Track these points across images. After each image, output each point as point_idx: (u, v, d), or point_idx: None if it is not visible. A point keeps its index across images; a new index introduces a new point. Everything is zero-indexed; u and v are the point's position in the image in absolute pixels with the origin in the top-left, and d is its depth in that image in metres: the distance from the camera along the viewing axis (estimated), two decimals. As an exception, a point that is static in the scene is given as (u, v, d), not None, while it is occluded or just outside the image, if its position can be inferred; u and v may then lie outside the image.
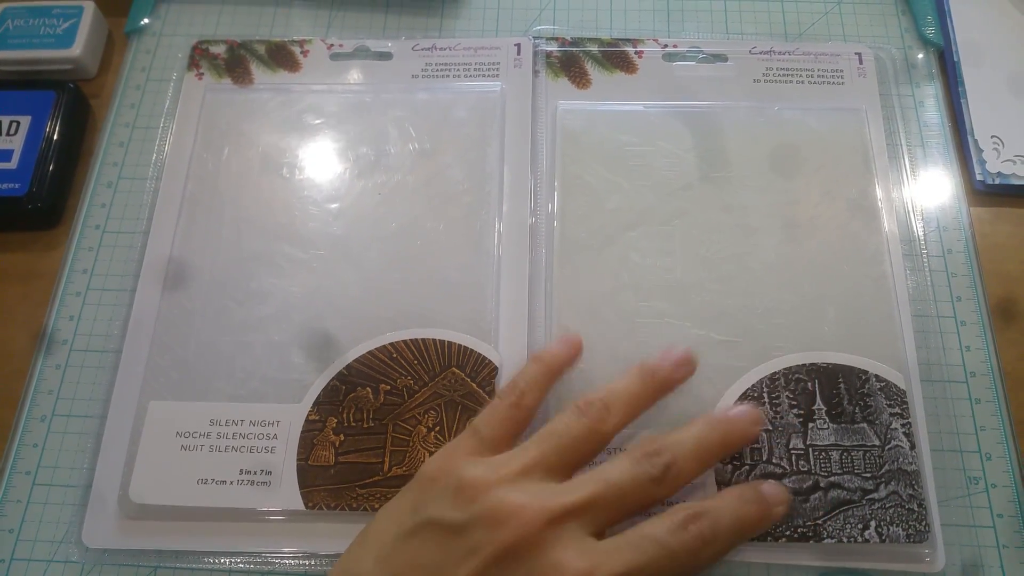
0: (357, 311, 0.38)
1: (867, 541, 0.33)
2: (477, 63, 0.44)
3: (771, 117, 0.42)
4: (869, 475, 0.34)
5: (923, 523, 0.33)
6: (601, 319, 0.37)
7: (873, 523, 0.33)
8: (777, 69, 0.44)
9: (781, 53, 0.44)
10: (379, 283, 0.39)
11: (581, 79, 0.44)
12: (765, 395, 0.35)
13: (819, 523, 0.33)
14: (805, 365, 0.36)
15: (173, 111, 0.44)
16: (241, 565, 0.34)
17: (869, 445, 0.34)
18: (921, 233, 0.40)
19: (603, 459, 0.31)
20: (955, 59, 0.44)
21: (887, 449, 0.34)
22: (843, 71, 0.43)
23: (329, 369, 0.37)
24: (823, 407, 0.35)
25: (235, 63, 0.45)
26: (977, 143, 0.42)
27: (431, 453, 0.34)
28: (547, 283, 0.39)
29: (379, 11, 0.47)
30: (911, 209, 0.40)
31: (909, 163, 0.41)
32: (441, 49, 0.45)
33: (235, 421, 0.36)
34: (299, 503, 0.34)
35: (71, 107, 0.43)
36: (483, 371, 0.37)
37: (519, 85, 0.44)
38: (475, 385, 0.36)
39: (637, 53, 0.44)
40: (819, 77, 0.43)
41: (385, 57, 0.45)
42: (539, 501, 0.28)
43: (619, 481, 0.28)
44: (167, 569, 0.34)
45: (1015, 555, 0.33)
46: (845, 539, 0.33)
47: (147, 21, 0.47)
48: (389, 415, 0.36)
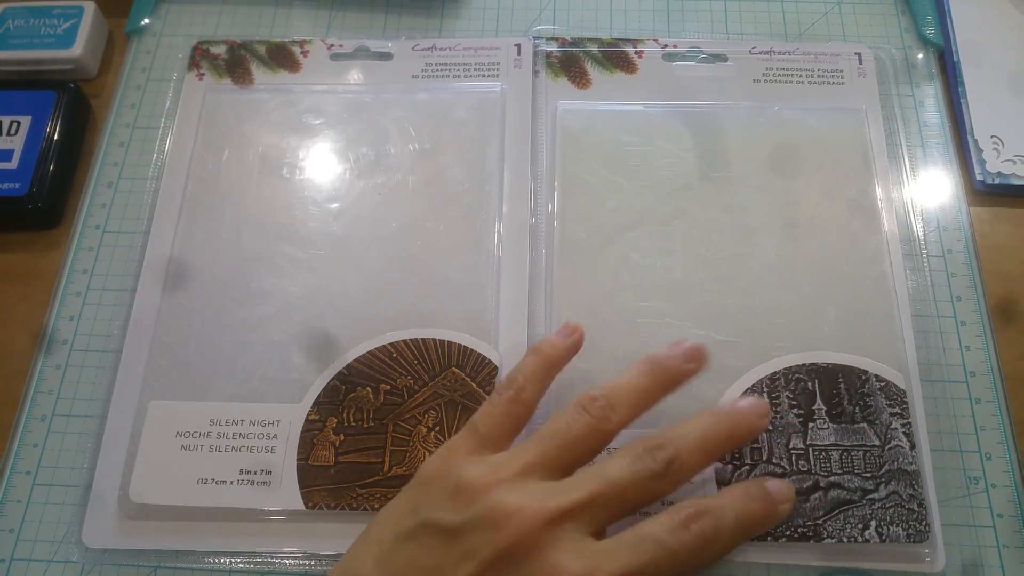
0: (357, 311, 0.38)
1: (867, 541, 0.33)
2: (477, 63, 0.44)
3: (771, 117, 0.42)
4: (869, 475, 0.34)
5: (923, 523, 0.33)
6: (601, 319, 0.37)
7: (873, 523, 0.33)
8: (777, 69, 0.44)
9: (781, 53, 0.44)
10: (379, 283, 0.39)
11: (581, 79, 0.44)
12: (765, 395, 0.35)
13: (819, 523, 0.33)
14: (805, 365, 0.36)
15: (173, 111, 0.44)
16: (241, 565, 0.34)
17: (869, 445, 0.34)
18: (921, 233, 0.40)
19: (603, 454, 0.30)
20: (955, 59, 0.44)
21: (887, 449, 0.34)
22: (843, 71, 0.43)
23: (329, 369, 0.37)
24: (823, 407, 0.35)
25: (235, 63, 0.45)
26: (977, 143, 0.42)
27: (431, 453, 0.34)
28: (547, 283, 0.39)
29: (379, 11, 0.47)
30: (911, 209, 0.40)
31: (909, 163, 0.41)
32: (441, 49, 0.45)
33: (235, 421, 0.36)
34: (299, 503, 0.34)
35: (71, 107, 0.43)
36: (483, 371, 0.37)
37: (519, 85, 0.44)
38: (475, 385, 0.36)
39: (637, 53, 0.44)
40: (819, 77, 0.43)
41: (385, 57, 0.45)
42: (537, 502, 0.27)
43: (619, 478, 0.28)
44: (167, 569, 0.34)
45: (1015, 555, 0.33)
46: (845, 539, 0.33)
47: (147, 21, 0.47)
48: (389, 415, 0.36)
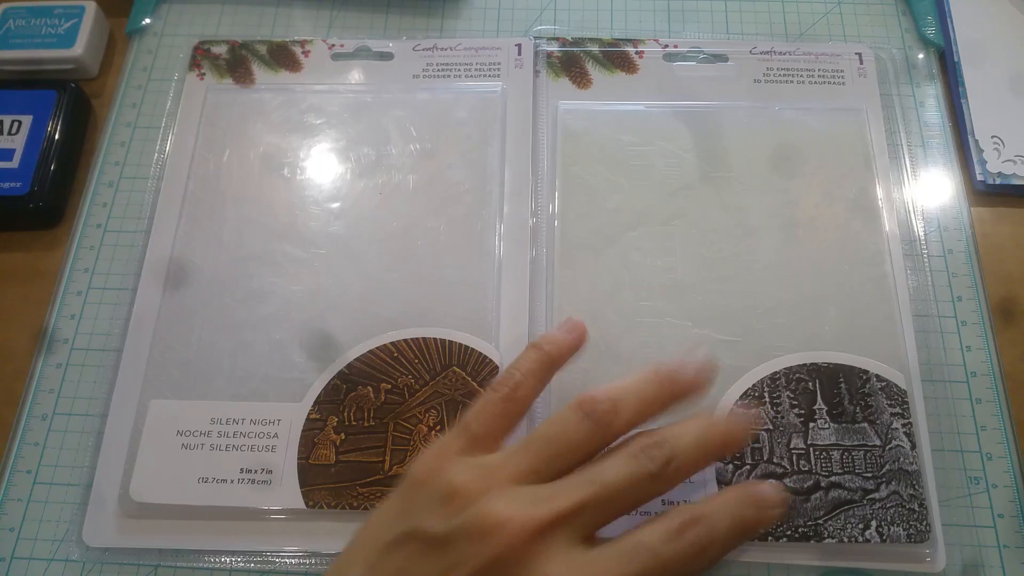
0: (358, 310, 0.38)
1: (868, 541, 0.33)
2: (478, 63, 0.44)
3: (771, 117, 0.42)
4: (870, 475, 0.34)
5: (924, 523, 0.33)
6: (601, 319, 0.37)
7: (874, 523, 0.33)
8: (777, 69, 0.44)
9: (781, 53, 0.44)
10: (380, 282, 0.39)
11: (582, 79, 0.44)
12: (766, 395, 0.35)
13: (820, 523, 0.33)
14: (806, 365, 0.36)
15: (175, 111, 0.44)
16: (242, 564, 0.34)
17: (870, 445, 0.34)
18: (922, 233, 0.40)
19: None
20: (955, 59, 0.44)
21: (888, 449, 0.34)
22: (843, 71, 0.43)
23: (330, 368, 0.37)
24: (824, 407, 0.35)
25: (236, 63, 0.45)
26: (978, 143, 0.42)
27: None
28: (548, 283, 0.39)
29: (380, 11, 0.47)
30: (912, 209, 0.40)
31: (910, 163, 0.41)
32: (442, 49, 0.45)
33: (236, 420, 0.36)
34: (300, 502, 0.34)
35: (73, 107, 0.43)
36: (484, 370, 0.37)
37: (520, 85, 0.44)
38: (476, 384, 0.36)
39: (638, 53, 0.44)
40: (819, 77, 0.43)
41: (386, 57, 0.45)
42: (526, 511, 0.26)
43: (614, 481, 0.27)
44: (168, 568, 0.34)
45: (1016, 555, 0.33)
46: (846, 539, 0.33)
47: (148, 21, 0.47)
48: (390, 414, 0.36)
